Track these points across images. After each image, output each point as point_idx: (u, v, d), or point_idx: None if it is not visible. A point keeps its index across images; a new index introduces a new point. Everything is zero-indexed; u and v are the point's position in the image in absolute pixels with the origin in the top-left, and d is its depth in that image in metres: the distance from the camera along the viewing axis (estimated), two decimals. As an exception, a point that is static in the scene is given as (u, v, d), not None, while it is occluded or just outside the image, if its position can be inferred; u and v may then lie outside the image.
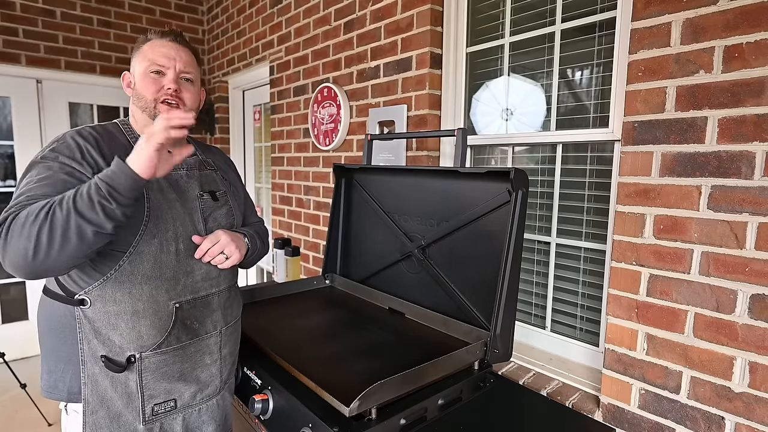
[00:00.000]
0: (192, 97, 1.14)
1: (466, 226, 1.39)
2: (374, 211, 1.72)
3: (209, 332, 1.14)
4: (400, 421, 1.01)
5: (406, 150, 1.88)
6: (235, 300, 1.25)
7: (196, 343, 1.11)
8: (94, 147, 1.01)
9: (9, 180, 3.24)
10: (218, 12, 3.54)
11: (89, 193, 0.85)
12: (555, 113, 1.50)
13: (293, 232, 2.72)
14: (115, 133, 1.09)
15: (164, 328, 1.05)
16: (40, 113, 3.26)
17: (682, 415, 1.08)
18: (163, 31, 1.13)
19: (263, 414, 1.15)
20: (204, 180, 1.19)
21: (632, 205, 1.14)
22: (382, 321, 1.51)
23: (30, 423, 2.57)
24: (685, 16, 1.03)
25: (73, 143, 0.99)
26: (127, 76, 1.15)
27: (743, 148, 0.96)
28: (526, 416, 1.20)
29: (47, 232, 0.83)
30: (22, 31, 3.09)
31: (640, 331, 1.14)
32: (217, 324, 1.16)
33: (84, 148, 0.99)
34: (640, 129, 1.11)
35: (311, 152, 2.51)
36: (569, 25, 1.44)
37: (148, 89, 1.08)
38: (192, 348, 1.11)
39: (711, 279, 1.02)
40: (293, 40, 2.59)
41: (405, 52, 1.85)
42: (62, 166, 0.96)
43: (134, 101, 1.12)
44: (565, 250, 1.51)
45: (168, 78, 1.09)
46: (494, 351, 1.23)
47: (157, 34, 1.13)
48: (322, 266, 1.89)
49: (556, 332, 1.54)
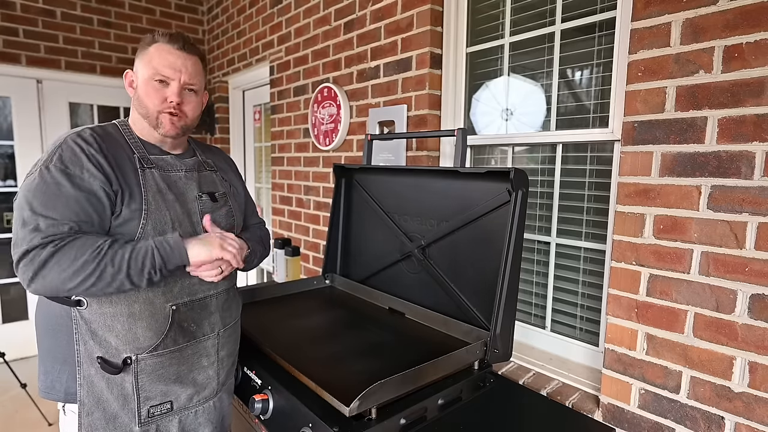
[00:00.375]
0: (195, 107, 1.13)
1: (466, 226, 1.39)
2: (374, 211, 1.72)
3: (207, 334, 1.13)
4: (400, 421, 1.01)
5: (406, 150, 1.88)
6: (233, 301, 1.24)
7: (194, 345, 1.11)
8: (98, 151, 1.00)
9: (9, 180, 3.24)
10: (218, 12, 3.54)
11: (144, 259, 0.96)
12: (555, 113, 1.50)
13: (293, 232, 2.72)
14: (115, 135, 1.08)
15: (161, 331, 1.05)
16: (40, 113, 3.26)
17: (682, 414, 1.08)
18: (171, 34, 1.10)
19: (263, 414, 1.15)
20: (203, 181, 1.18)
21: (632, 205, 1.14)
22: (382, 321, 1.51)
23: (30, 423, 2.57)
24: (685, 16, 1.03)
25: (78, 149, 0.98)
26: (130, 74, 1.13)
27: (743, 148, 0.96)
28: (526, 416, 1.20)
29: (94, 279, 0.93)
30: (23, 31, 3.09)
31: (640, 331, 1.14)
32: (215, 326, 1.15)
33: (89, 154, 0.99)
34: (640, 129, 1.11)
35: (311, 152, 2.51)
36: (569, 25, 1.44)
37: (151, 99, 1.07)
38: (189, 350, 1.10)
39: (711, 279, 1.02)
40: (293, 40, 2.59)
41: (405, 52, 1.85)
42: (72, 180, 0.95)
43: (135, 105, 1.10)
44: (565, 250, 1.51)
45: (172, 90, 1.08)
46: (494, 351, 1.23)
47: (165, 37, 1.09)
48: (322, 266, 1.89)
49: (556, 332, 1.54)
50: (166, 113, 1.08)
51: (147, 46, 1.09)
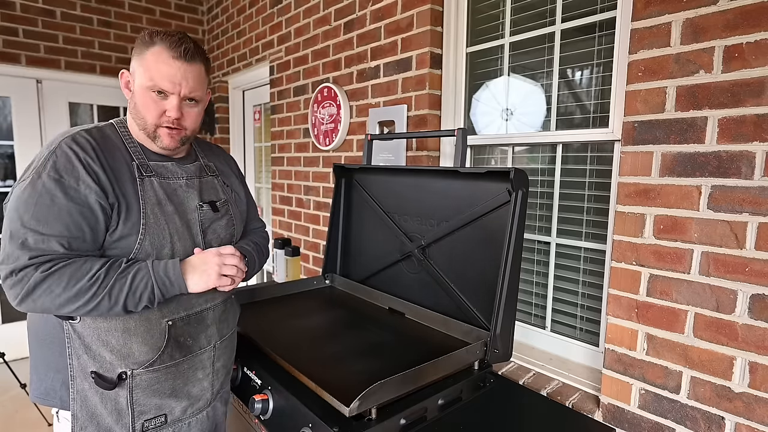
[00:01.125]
0: (195, 119, 1.07)
1: (466, 226, 1.39)
2: (374, 211, 1.72)
3: (203, 348, 1.11)
4: (400, 421, 1.01)
5: (406, 150, 1.88)
6: (230, 312, 1.22)
7: (190, 359, 1.08)
8: (95, 159, 0.94)
9: (9, 180, 3.25)
10: (218, 12, 3.54)
11: (142, 294, 0.94)
12: (555, 113, 1.50)
13: (293, 232, 2.72)
14: (113, 138, 1.02)
15: (157, 347, 1.02)
16: (40, 113, 3.26)
17: (682, 415, 1.08)
18: (172, 37, 0.99)
19: (263, 414, 1.15)
20: (204, 188, 1.13)
21: (632, 205, 1.14)
22: (382, 321, 1.51)
23: (30, 423, 2.57)
24: (685, 16, 1.03)
25: (73, 156, 0.92)
26: (126, 75, 1.05)
27: (743, 148, 0.96)
28: (526, 416, 1.20)
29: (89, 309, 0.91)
30: (22, 31, 3.09)
31: (640, 331, 1.14)
32: (211, 339, 1.13)
33: (85, 162, 0.93)
34: (640, 129, 1.11)
35: (311, 152, 2.51)
36: (569, 25, 1.44)
37: (149, 111, 1.00)
38: (185, 365, 1.08)
39: (711, 279, 1.02)
40: (293, 40, 2.59)
41: (405, 52, 1.85)
42: (66, 191, 0.90)
43: (132, 111, 1.04)
44: (565, 250, 1.51)
45: (171, 104, 1.00)
46: (494, 351, 1.23)
47: (165, 40, 0.98)
48: (322, 266, 1.89)
49: (556, 332, 1.54)
50: (164, 127, 1.02)
51: (144, 49, 0.99)
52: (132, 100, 1.03)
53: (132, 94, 1.03)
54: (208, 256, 1.04)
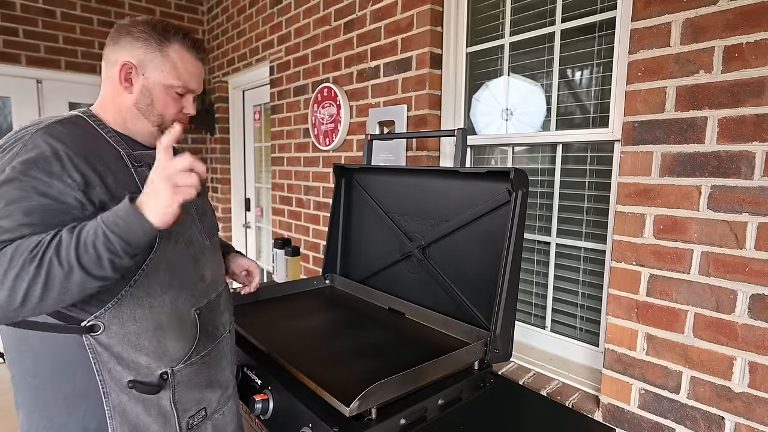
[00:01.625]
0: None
1: (466, 226, 1.39)
2: (374, 211, 1.72)
3: (222, 334, 1.11)
4: (400, 421, 1.01)
5: (406, 150, 1.88)
6: (230, 297, 1.23)
7: (216, 348, 1.08)
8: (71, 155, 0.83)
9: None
10: (218, 12, 3.54)
11: (96, 246, 0.73)
12: (555, 113, 1.50)
13: (293, 232, 2.72)
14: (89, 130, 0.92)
15: (191, 338, 1.00)
16: (40, 113, 3.26)
17: (682, 415, 1.08)
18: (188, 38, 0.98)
19: (263, 414, 1.15)
20: None
21: (632, 205, 1.14)
22: (382, 321, 1.51)
23: (30, 423, 2.56)
24: (685, 16, 1.03)
25: (48, 149, 0.81)
26: (128, 67, 0.94)
27: (743, 148, 0.96)
28: (526, 416, 1.20)
29: (41, 287, 0.71)
30: (22, 31, 3.09)
31: (640, 331, 1.14)
32: (226, 324, 1.13)
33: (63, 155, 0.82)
34: (640, 129, 1.11)
35: (311, 152, 2.51)
36: (569, 25, 1.44)
37: (169, 108, 0.98)
38: (213, 353, 1.07)
39: (711, 279, 1.02)
40: (293, 40, 2.59)
41: (405, 52, 1.85)
42: (36, 183, 0.78)
43: (141, 110, 0.97)
44: (565, 250, 1.51)
45: (189, 102, 1.02)
46: (494, 351, 1.23)
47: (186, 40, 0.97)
48: (322, 266, 1.89)
49: (556, 332, 1.54)
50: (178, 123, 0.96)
51: (164, 45, 0.94)
52: (139, 98, 0.96)
53: (139, 90, 0.95)
54: (152, 176, 0.78)
